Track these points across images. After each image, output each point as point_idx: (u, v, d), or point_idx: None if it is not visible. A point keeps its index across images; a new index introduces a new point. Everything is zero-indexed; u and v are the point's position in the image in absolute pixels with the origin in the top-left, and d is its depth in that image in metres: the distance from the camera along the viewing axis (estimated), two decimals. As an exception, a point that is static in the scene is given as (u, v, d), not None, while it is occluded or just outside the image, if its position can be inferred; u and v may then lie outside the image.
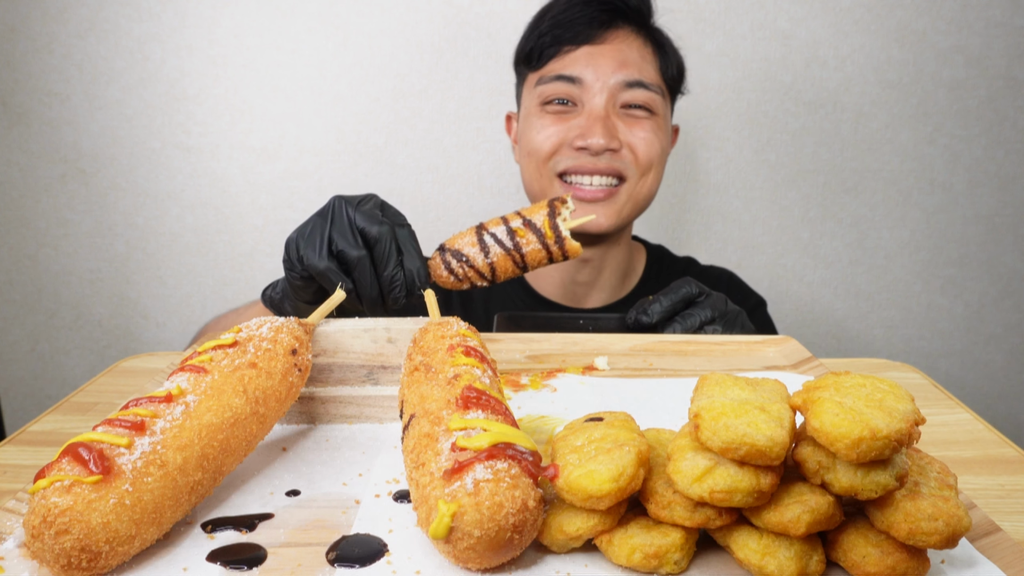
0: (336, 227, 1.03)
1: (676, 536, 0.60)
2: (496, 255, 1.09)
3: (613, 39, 1.51)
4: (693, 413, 0.61)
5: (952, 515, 0.56)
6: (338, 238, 1.02)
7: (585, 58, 1.50)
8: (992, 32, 2.02)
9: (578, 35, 1.50)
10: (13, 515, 0.67)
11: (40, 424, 0.91)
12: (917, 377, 1.05)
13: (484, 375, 0.73)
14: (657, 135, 1.53)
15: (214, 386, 0.71)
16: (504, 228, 1.10)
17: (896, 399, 0.59)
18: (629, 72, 1.49)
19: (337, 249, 1.02)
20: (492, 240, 1.10)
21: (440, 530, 0.57)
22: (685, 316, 1.20)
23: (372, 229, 1.02)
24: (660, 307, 1.19)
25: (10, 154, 2.10)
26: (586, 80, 1.49)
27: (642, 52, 1.53)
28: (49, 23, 2.01)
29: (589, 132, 1.47)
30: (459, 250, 1.10)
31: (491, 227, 1.11)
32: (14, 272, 2.18)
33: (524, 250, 1.10)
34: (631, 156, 1.51)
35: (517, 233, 1.10)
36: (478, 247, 1.09)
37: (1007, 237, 2.18)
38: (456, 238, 1.12)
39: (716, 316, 1.21)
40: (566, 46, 1.51)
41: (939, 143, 2.11)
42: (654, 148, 1.52)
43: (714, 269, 1.77)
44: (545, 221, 1.10)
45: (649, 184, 1.56)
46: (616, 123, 1.50)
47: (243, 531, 0.66)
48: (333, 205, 1.05)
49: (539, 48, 1.54)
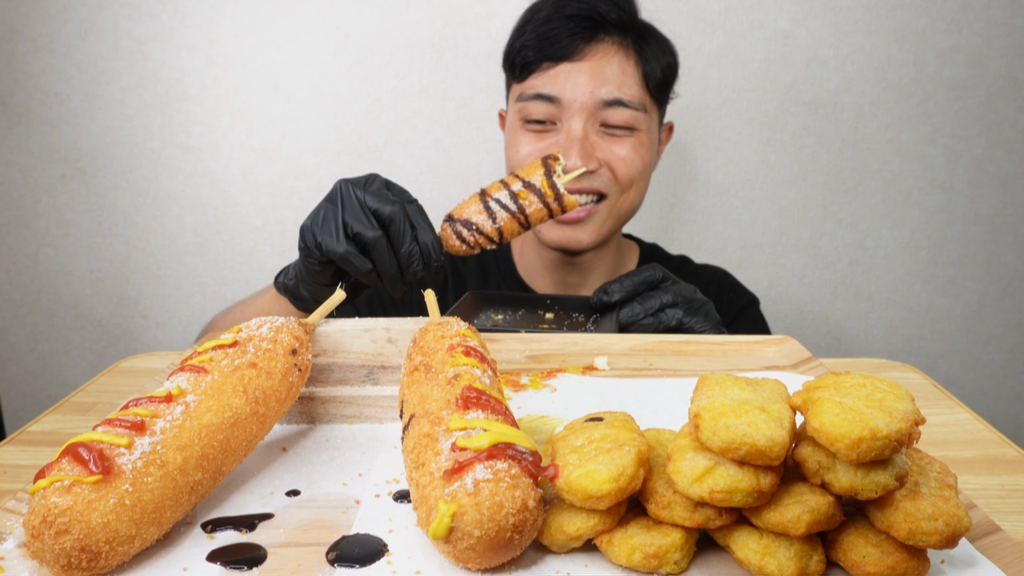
0: (348, 211, 1.06)
1: (676, 536, 0.60)
2: (503, 219, 1.16)
3: (593, 54, 1.48)
4: (693, 413, 0.61)
5: (952, 515, 0.56)
6: (353, 221, 1.05)
7: (564, 76, 1.48)
8: (992, 32, 2.02)
9: (558, 51, 1.48)
10: (13, 515, 0.67)
11: (40, 424, 0.91)
12: (917, 377, 1.05)
13: (484, 375, 0.73)
14: (638, 152, 1.51)
15: (214, 386, 0.71)
16: (507, 192, 1.16)
17: (896, 399, 0.59)
18: (608, 89, 1.47)
19: (353, 232, 1.05)
20: (497, 206, 1.16)
21: (440, 530, 0.57)
22: (645, 298, 1.22)
23: (385, 209, 1.05)
24: (620, 287, 1.22)
25: (10, 154, 2.10)
26: (564, 100, 1.47)
27: (623, 66, 1.50)
28: (49, 23, 2.01)
29: (567, 154, 1.45)
30: (468, 219, 1.15)
31: (494, 193, 1.17)
32: (14, 272, 2.18)
33: (528, 211, 1.17)
34: (610, 174, 1.50)
35: (519, 196, 1.16)
36: (485, 214, 1.15)
37: (1007, 237, 2.18)
38: (463, 207, 1.17)
39: (679, 301, 1.23)
40: (546, 62, 1.49)
41: (939, 143, 2.11)
42: (634, 166, 1.51)
43: (707, 268, 1.77)
44: (543, 181, 1.17)
45: (631, 199, 1.55)
46: (595, 142, 1.48)
47: (243, 531, 0.66)
48: (341, 189, 1.08)
49: (521, 61, 1.52)
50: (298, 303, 1.22)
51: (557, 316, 1.30)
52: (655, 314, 1.22)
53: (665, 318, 1.22)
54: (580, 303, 1.32)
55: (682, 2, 2.00)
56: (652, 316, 1.21)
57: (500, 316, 1.31)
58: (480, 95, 2.07)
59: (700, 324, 1.24)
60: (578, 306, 1.31)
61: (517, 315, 1.32)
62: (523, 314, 1.32)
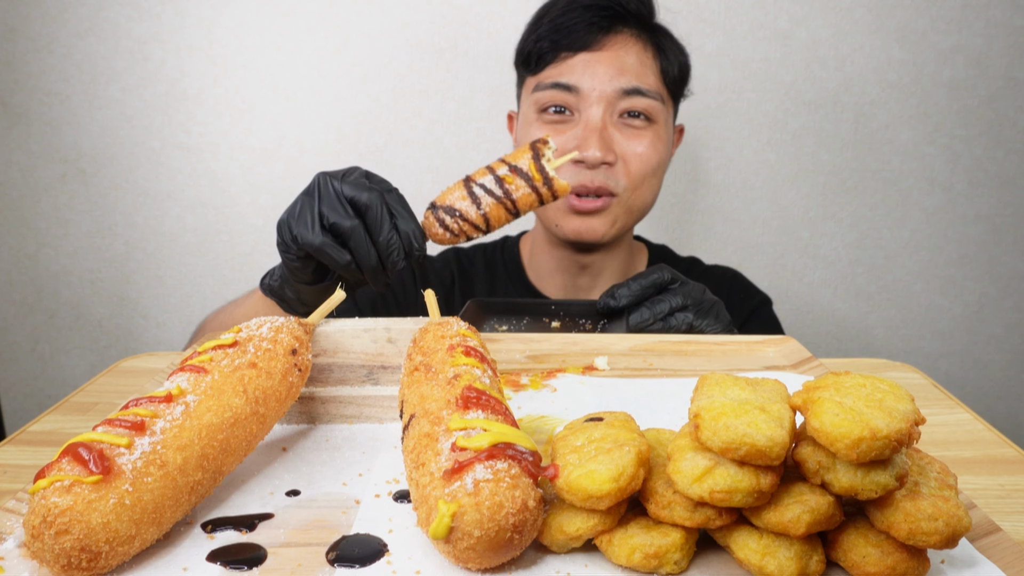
0: (325, 201, 1.02)
1: (676, 536, 0.60)
2: (488, 205, 1.09)
3: (612, 45, 1.48)
4: (693, 413, 0.61)
5: (952, 515, 0.56)
6: (328, 212, 1.01)
7: (582, 65, 1.47)
8: (992, 32, 2.03)
9: (576, 41, 1.47)
10: (13, 515, 0.67)
11: (40, 424, 0.91)
12: (917, 377, 1.05)
13: (484, 375, 0.73)
14: (655, 146, 1.50)
15: (214, 386, 0.71)
16: (492, 177, 1.10)
17: (896, 399, 0.59)
18: (627, 79, 1.46)
19: (329, 222, 1.01)
20: (482, 191, 1.09)
21: (440, 530, 0.57)
22: (655, 302, 1.19)
23: (361, 196, 1.01)
24: (628, 291, 1.19)
25: (10, 154, 2.10)
26: (583, 89, 1.46)
27: (641, 57, 1.49)
28: (49, 23, 2.01)
29: (585, 144, 1.44)
30: (451, 205, 1.09)
31: (478, 178, 1.11)
32: (14, 272, 2.18)
33: (515, 196, 1.10)
34: (624, 169, 1.48)
35: (505, 180, 1.10)
36: (469, 200, 1.09)
37: (1007, 237, 2.18)
38: (446, 194, 1.11)
39: (689, 304, 1.19)
40: (563, 52, 1.48)
41: (939, 143, 2.11)
42: (650, 162, 1.49)
43: (718, 268, 1.75)
44: (531, 164, 1.10)
45: (643, 195, 1.53)
46: (613, 134, 1.47)
47: (243, 531, 0.66)
48: (318, 181, 1.04)
49: (537, 52, 1.51)
50: (284, 304, 1.19)
51: (564, 324, 1.27)
52: (665, 318, 1.18)
53: (675, 322, 1.19)
54: (586, 309, 1.28)
55: (682, 2, 2.00)
56: (662, 320, 1.18)
57: (505, 327, 1.27)
58: (480, 95, 2.07)
59: (711, 326, 1.21)
60: (584, 312, 1.28)
61: (522, 324, 1.28)
62: (528, 323, 1.28)
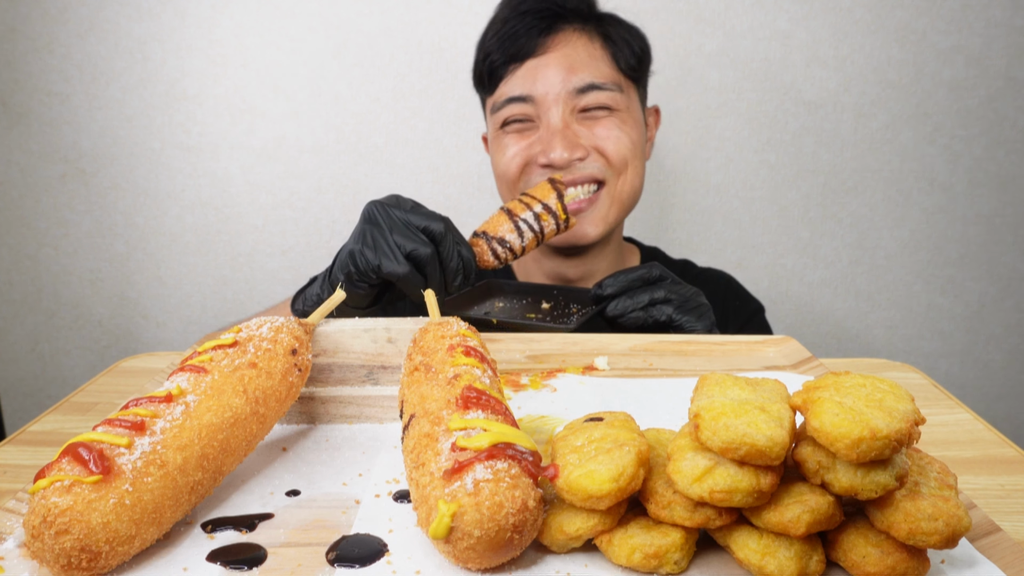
0: (398, 231, 1.09)
1: (676, 536, 0.60)
2: (528, 239, 1.28)
3: (557, 45, 1.47)
4: (693, 413, 0.61)
5: (952, 515, 0.56)
6: (405, 241, 1.08)
7: (532, 72, 1.47)
8: (992, 32, 2.03)
9: (521, 49, 1.47)
10: (13, 515, 0.67)
11: (40, 424, 0.91)
12: (917, 377, 1.05)
13: (484, 375, 0.73)
14: (623, 129, 1.49)
15: (214, 386, 0.71)
16: (531, 214, 1.29)
17: (896, 399, 0.59)
18: (579, 76, 1.46)
19: (407, 251, 1.08)
20: (525, 226, 1.28)
21: (440, 530, 0.57)
22: (635, 292, 1.23)
23: (434, 226, 1.10)
24: (614, 281, 1.24)
25: (10, 154, 2.10)
26: (536, 96, 1.46)
27: (589, 50, 1.48)
28: (49, 23, 2.02)
29: (549, 147, 1.45)
30: (502, 238, 1.26)
31: (519, 213, 1.28)
32: (14, 272, 2.18)
33: (545, 231, 1.31)
34: (601, 159, 1.48)
35: (541, 217, 1.30)
36: (516, 233, 1.27)
37: (1007, 237, 2.18)
38: (495, 226, 1.26)
39: (672, 298, 1.22)
40: (512, 64, 1.48)
41: (939, 143, 2.11)
42: (623, 144, 1.48)
43: (711, 271, 1.74)
44: (558, 204, 1.32)
45: (630, 181, 1.52)
46: (577, 130, 1.47)
47: (243, 531, 0.66)
48: (378, 212, 1.11)
49: (488, 69, 1.51)
50: None
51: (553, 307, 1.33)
52: (645, 308, 1.21)
53: (655, 312, 1.21)
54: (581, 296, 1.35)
55: (682, 2, 2.00)
56: (641, 310, 1.21)
57: (501, 303, 1.35)
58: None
59: (691, 322, 1.22)
60: (579, 299, 1.35)
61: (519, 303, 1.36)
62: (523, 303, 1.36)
